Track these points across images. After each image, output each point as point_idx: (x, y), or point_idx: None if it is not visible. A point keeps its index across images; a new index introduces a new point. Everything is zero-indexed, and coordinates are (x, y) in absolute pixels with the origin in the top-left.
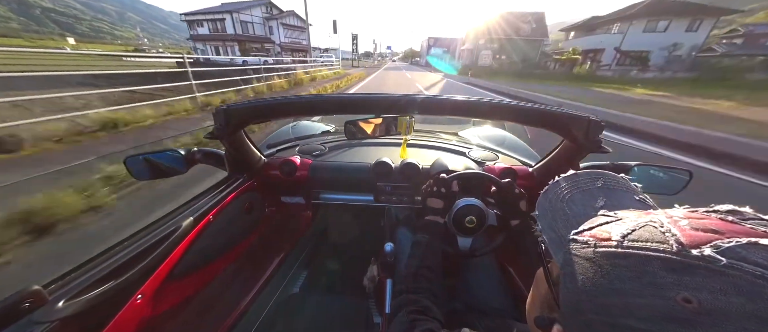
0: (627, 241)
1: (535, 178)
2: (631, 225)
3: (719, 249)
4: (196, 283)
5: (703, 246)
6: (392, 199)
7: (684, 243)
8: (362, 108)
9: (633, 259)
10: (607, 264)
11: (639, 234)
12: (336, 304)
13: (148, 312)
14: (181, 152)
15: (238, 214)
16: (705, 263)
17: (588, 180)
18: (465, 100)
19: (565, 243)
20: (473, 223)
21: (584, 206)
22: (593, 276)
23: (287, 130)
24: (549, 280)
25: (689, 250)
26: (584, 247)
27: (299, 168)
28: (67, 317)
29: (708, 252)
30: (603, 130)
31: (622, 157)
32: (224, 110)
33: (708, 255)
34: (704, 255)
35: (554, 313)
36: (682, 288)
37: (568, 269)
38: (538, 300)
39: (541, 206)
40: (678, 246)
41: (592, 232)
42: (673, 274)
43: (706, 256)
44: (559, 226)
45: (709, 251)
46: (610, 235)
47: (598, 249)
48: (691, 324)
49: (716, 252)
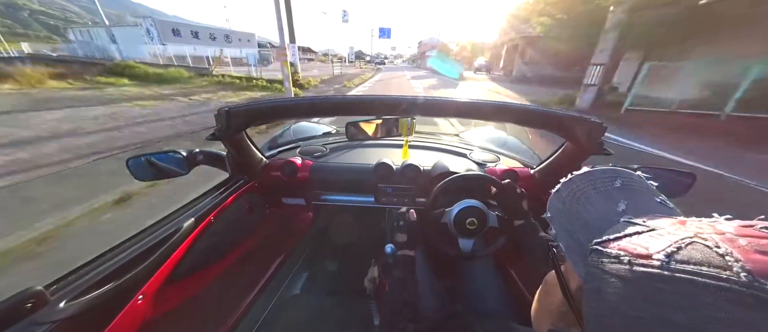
0: (673, 262)
1: (537, 180)
2: (672, 239)
3: None
4: (197, 284)
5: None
6: (393, 201)
7: (752, 271)
8: (364, 109)
9: (684, 286)
10: (649, 288)
11: (689, 254)
12: (337, 306)
13: (149, 313)
14: (182, 153)
15: (239, 215)
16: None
17: (605, 179)
18: (466, 101)
19: (586, 254)
20: (474, 225)
21: (604, 210)
22: (630, 299)
23: (288, 131)
24: (566, 292)
25: (763, 282)
26: (615, 262)
27: (300, 170)
28: (68, 318)
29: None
30: (605, 132)
31: (623, 160)
32: (226, 112)
33: None
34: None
35: (573, 329)
36: (755, 328)
37: (594, 285)
38: (548, 309)
39: (554, 207)
40: (745, 275)
41: (620, 244)
42: (743, 310)
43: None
44: (578, 232)
45: None
46: (648, 251)
47: (636, 268)
48: None
49: None
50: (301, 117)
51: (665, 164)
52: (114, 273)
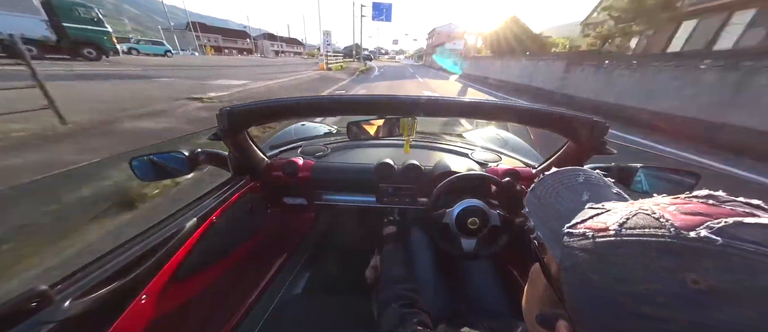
0: (624, 229)
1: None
2: (623, 214)
3: (712, 229)
4: (200, 284)
5: (697, 228)
6: (394, 201)
7: (679, 227)
8: (366, 109)
9: (634, 246)
10: (610, 254)
11: (634, 221)
12: (339, 305)
13: (152, 313)
14: (184, 153)
15: (241, 215)
16: (703, 244)
17: (571, 176)
18: (468, 101)
19: (560, 238)
20: (476, 224)
21: (572, 201)
22: (597, 268)
23: (290, 131)
24: (548, 276)
25: (687, 233)
26: (582, 239)
27: (302, 170)
28: (72, 317)
29: (704, 233)
30: (608, 131)
31: (626, 158)
32: (228, 112)
33: (705, 236)
34: (701, 237)
35: (557, 309)
36: (687, 270)
37: (568, 262)
38: (535, 297)
39: (531, 203)
40: (674, 229)
41: (586, 224)
42: (676, 257)
43: (703, 237)
44: (552, 222)
45: (705, 232)
46: (606, 225)
47: (597, 239)
48: (701, 304)
49: (711, 233)
50: (302, 117)
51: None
52: (118, 273)
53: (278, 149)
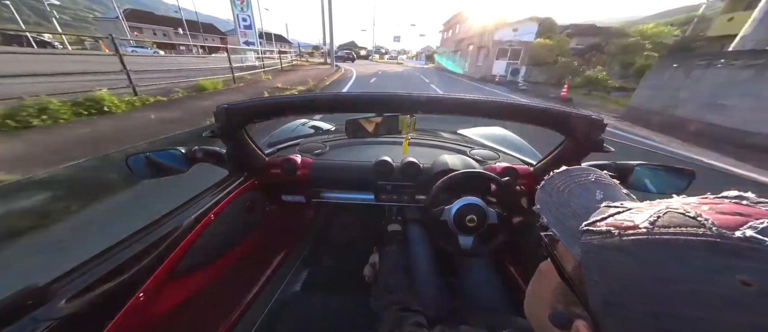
0: (657, 228)
1: (537, 178)
2: (652, 212)
3: (757, 229)
4: (197, 282)
5: (741, 228)
6: (393, 198)
7: (719, 226)
8: (364, 107)
9: (672, 246)
10: (642, 253)
11: (668, 220)
12: (337, 303)
13: (150, 311)
14: (181, 150)
15: (239, 213)
16: (752, 244)
17: (582, 174)
18: (467, 99)
19: (577, 235)
20: (474, 222)
21: (586, 199)
22: (627, 266)
23: (288, 128)
24: (563, 274)
25: (730, 233)
26: (607, 237)
27: (300, 167)
28: (69, 315)
29: (750, 233)
30: (605, 129)
31: (623, 156)
32: (225, 109)
33: (751, 237)
34: (748, 237)
35: (573, 308)
36: (735, 271)
37: (591, 260)
38: (544, 294)
39: (541, 200)
40: (715, 229)
41: (608, 222)
42: (722, 257)
43: (750, 237)
44: (567, 219)
45: (750, 232)
46: (634, 223)
47: (626, 238)
48: (750, 307)
49: (756, 233)
50: (301, 114)
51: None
52: (115, 271)
53: (276, 147)
